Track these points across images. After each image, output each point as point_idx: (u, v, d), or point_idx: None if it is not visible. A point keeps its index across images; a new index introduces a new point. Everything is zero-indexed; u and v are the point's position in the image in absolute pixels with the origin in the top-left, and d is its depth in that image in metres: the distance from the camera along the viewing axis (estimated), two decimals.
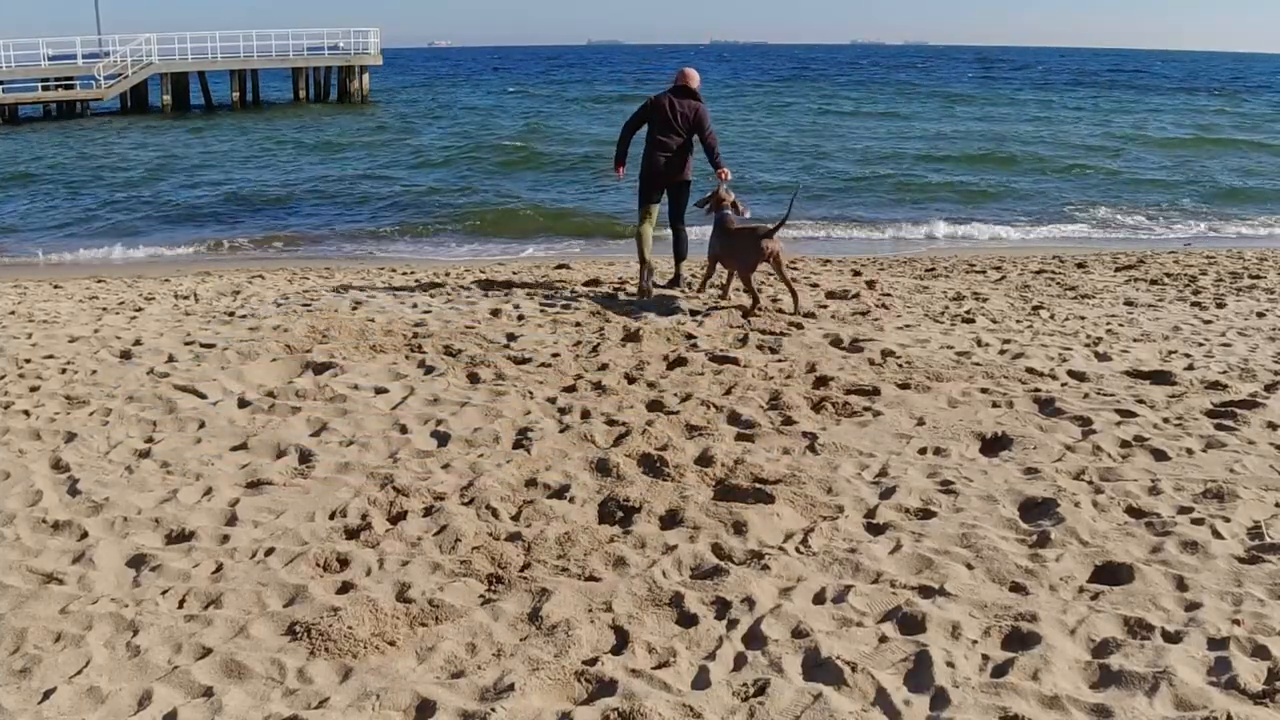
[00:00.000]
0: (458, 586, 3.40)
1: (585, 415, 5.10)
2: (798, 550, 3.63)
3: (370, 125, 30.49)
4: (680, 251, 8.27)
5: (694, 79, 7.96)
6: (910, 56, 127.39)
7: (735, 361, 6.04)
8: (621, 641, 3.08)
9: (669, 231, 8.32)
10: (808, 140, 25.81)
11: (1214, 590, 3.30)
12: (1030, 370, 5.86)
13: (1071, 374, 5.81)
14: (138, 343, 6.59)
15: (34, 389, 5.59)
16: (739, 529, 3.80)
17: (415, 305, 7.86)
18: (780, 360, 6.09)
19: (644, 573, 3.46)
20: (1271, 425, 4.86)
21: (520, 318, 7.36)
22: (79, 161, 22.19)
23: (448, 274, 9.77)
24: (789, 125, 30.48)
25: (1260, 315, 7.55)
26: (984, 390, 5.46)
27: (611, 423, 4.96)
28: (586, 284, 8.74)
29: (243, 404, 5.32)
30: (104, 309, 8.04)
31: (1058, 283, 9.00)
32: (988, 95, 44.47)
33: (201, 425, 5.00)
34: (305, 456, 4.58)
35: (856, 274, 9.41)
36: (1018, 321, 7.28)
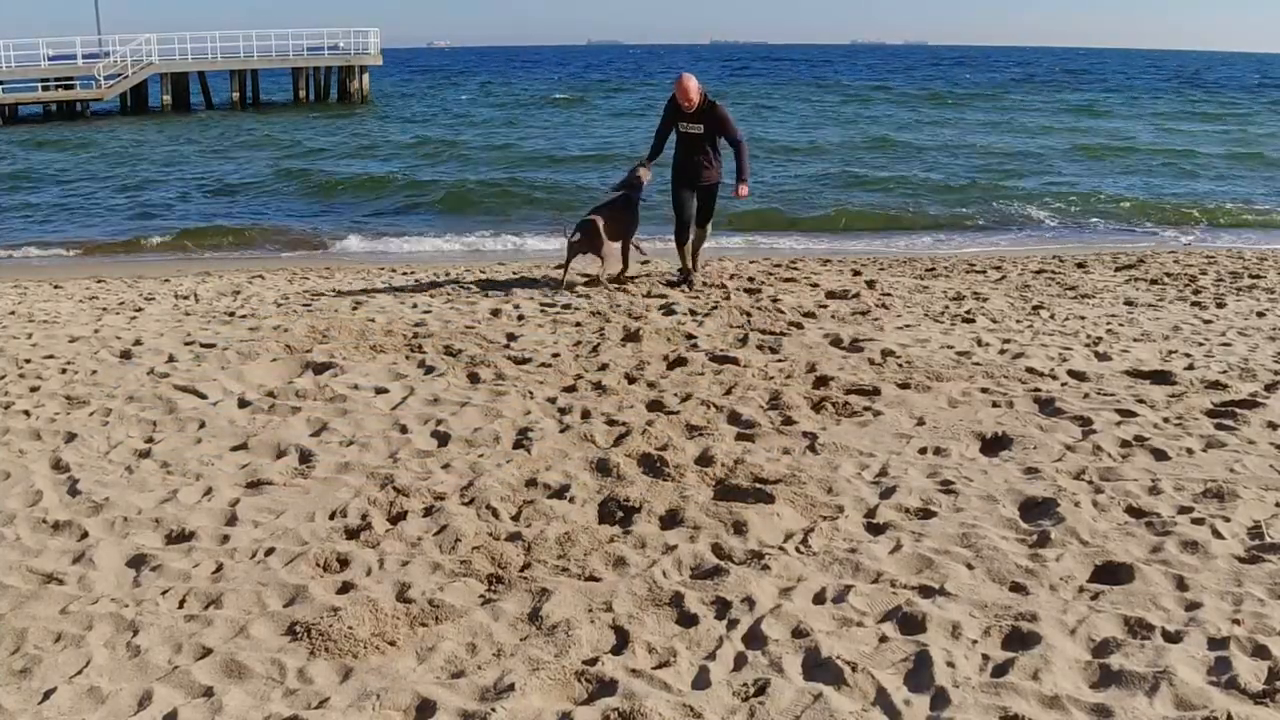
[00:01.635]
0: (458, 586, 3.40)
1: (585, 415, 5.10)
2: (798, 550, 3.63)
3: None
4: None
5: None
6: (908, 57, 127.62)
7: (735, 361, 6.04)
8: (621, 641, 3.08)
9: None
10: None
11: (1214, 590, 3.30)
12: (1030, 370, 5.86)
13: (1071, 374, 5.81)
14: (138, 343, 6.59)
15: (34, 389, 5.59)
16: (739, 529, 3.80)
17: (415, 305, 7.86)
18: (780, 360, 6.09)
19: (644, 573, 3.46)
20: (1271, 425, 4.86)
21: (520, 318, 7.36)
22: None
23: (448, 273, 9.77)
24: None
25: (1260, 315, 7.55)
26: (984, 390, 5.46)
27: (611, 423, 4.96)
28: (586, 284, 8.74)
29: (243, 404, 5.32)
30: (104, 309, 8.04)
31: (1058, 282, 9.00)
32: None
33: (201, 425, 5.00)
34: (305, 456, 4.58)
35: (856, 274, 9.41)
36: (1018, 321, 7.28)
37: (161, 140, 26.69)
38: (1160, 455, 4.49)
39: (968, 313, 7.51)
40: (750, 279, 8.82)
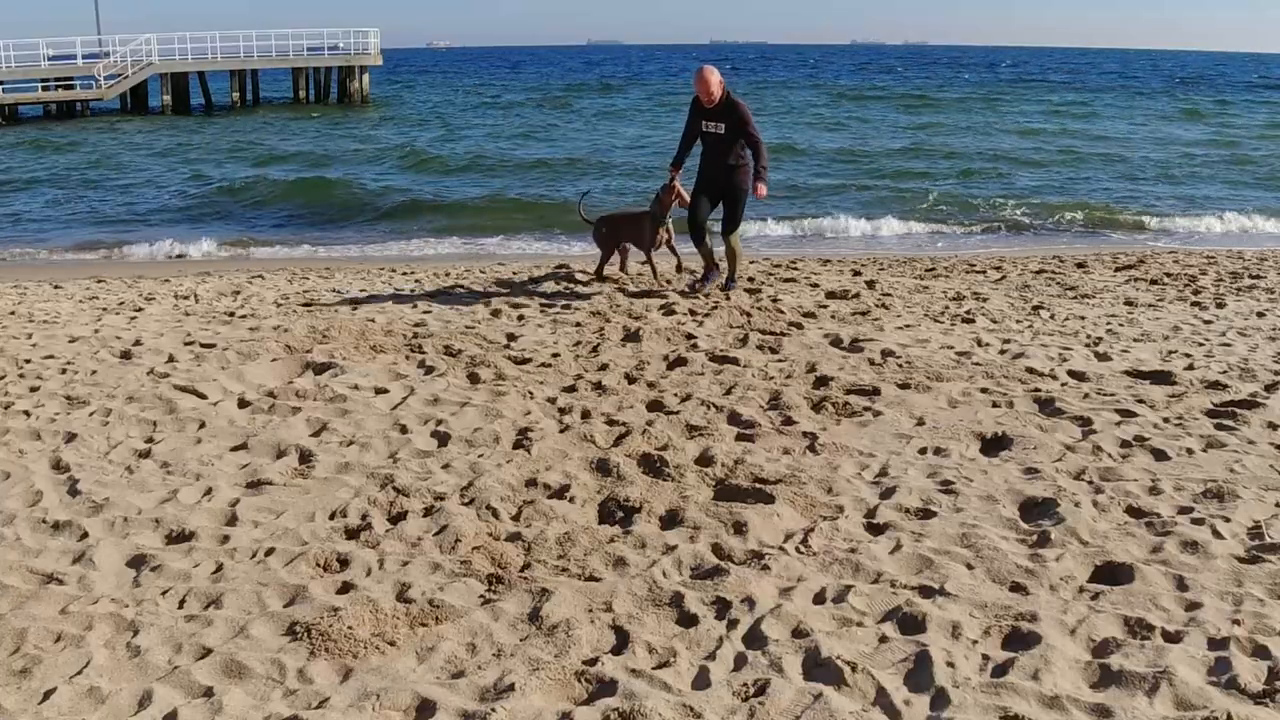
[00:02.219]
0: (458, 586, 3.40)
1: (585, 415, 5.10)
2: (798, 550, 3.63)
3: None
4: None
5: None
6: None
7: (735, 361, 6.04)
8: (621, 641, 3.08)
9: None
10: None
11: (1214, 590, 3.30)
12: (1030, 370, 5.86)
13: (1071, 374, 5.81)
14: (138, 343, 6.59)
15: (34, 389, 5.59)
16: (739, 529, 3.80)
17: (415, 305, 7.86)
18: (780, 360, 6.09)
19: (644, 573, 3.46)
20: (1271, 425, 4.86)
21: (520, 318, 7.36)
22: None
23: (448, 273, 9.78)
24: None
25: (1260, 315, 7.55)
26: (984, 390, 5.46)
27: (611, 423, 4.96)
28: (586, 284, 8.74)
29: (243, 404, 5.32)
30: (104, 309, 8.04)
31: (1058, 282, 9.00)
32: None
33: (201, 425, 5.00)
34: (305, 456, 4.58)
35: (856, 274, 9.41)
36: (1018, 321, 7.28)
37: (144, 143, 26.32)
38: (1160, 455, 4.49)
39: (968, 313, 7.51)
40: (750, 279, 8.82)
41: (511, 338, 6.69)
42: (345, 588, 3.41)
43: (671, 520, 3.92)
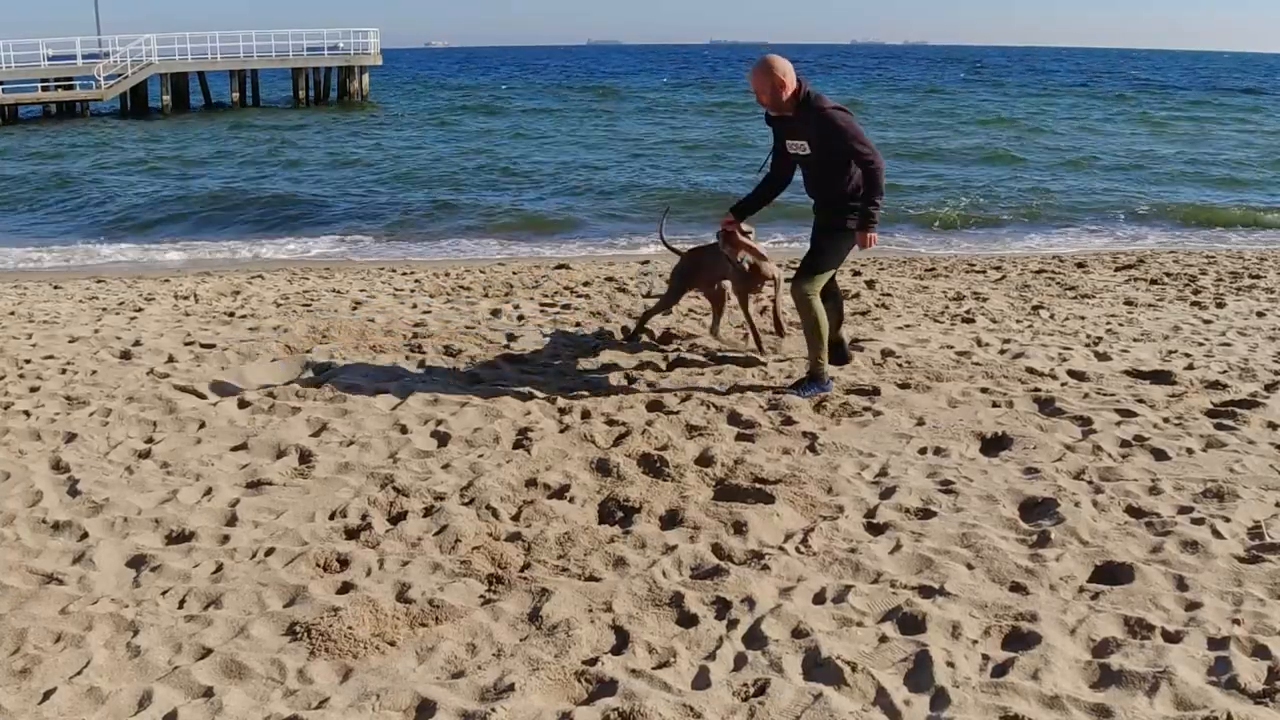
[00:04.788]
0: (458, 586, 3.40)
1: (585, 415, 5.10)
2: (798, 550, 3.63)
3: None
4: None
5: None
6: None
7: (735, 361, 6.04)
8: (621, 641, 3.07)
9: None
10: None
11: (1214, 590, 3.30)
12: (1030, 370, 5.86)
13: (1071, 374, 5.81)
14: (138, 343, 6.59)
15: (34, 389, 5.59)
16: (739, 529, 3.80)
17: (415, 305, 7.86)
18: (780, 360, 6.09)
19: (644, 573, 3.46)
20: (1271, 425, 4.86)
21: (520, 318, 7.36)
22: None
23: (448, 273, 9.78)
24: None
25: (1260, 315, 7.55)
26: (984, 390, 5.46)
27: (611, 423, 4.96)
28: (586, 284, 8.75)
29: (243, 404, 5.32)
30: (104, 309, 8.04)
31: (1058, 282, 9.00)
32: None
33: (201, 425, 5.00)
34: (305, 456, 4.58)
35: (856, 274, 9.41)
36: (1018, 321, 7.28)
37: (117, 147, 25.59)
38: (1160, 455, 4.49)
39: (968, 313, 7.51)
40: None
41: (511, 338, 6.69)
42: (345, 588, 3.41)
43: (671, 520, 3.91)
